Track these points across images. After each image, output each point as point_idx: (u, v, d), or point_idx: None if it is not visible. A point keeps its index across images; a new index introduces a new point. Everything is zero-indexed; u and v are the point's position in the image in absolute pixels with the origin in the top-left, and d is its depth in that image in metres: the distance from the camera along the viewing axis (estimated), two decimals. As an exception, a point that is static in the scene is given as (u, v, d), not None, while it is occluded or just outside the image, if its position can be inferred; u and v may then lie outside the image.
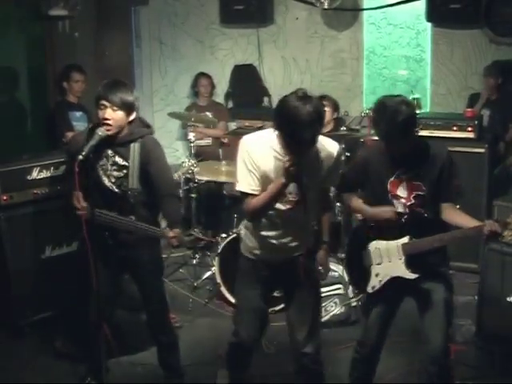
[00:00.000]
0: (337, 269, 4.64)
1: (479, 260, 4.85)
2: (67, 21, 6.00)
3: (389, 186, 3.12)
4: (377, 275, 3.20)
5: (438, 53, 6.45)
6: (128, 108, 3.30)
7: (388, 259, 3.17)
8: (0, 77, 5.64)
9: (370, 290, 3.24)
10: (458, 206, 3.18)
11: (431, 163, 3.07)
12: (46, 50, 5.98)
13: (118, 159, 3.35)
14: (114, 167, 3.36)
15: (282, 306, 4.59)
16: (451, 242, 3.12)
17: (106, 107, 3.25)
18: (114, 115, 3.25)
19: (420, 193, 3.08)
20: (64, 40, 6.03)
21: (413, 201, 3.09)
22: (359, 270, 3.28)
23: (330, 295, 4.54)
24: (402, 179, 3.10)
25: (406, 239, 3.12)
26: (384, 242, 3.18)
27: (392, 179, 3.11)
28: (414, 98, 6.31)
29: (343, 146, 5.11)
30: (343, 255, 4.92)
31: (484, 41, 6.23)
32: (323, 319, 4.46)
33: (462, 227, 3.07)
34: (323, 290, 4.54)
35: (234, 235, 4.64)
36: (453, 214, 3.11)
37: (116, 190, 3.37)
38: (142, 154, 3.34)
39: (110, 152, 3.35)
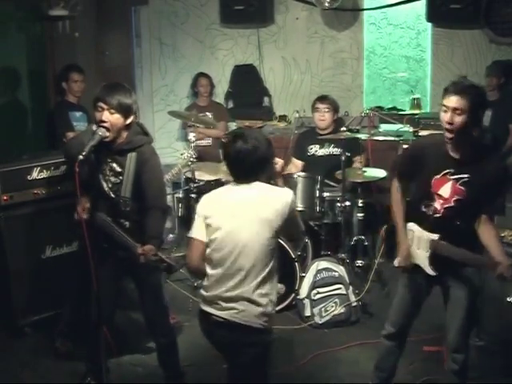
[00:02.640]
0: (337, 269, 4.64)
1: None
2: (67, 21, 5.99)
3: (433, 183, 3.09)
4: None
5: (438, 53, 6.46)
6: (125, 111, 3.28)
7: (417, 246, 3.20)
8: (0, 77, 5.63)
9: (396, 264, 3.27)
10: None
11: (479, 173, 3.00)
12: (46, 50, 5.97)
13: (114, 166, 3.36)
14: (112, 173, 3.37)
15: (281, 306, 4.62)
16: (471, 263, 3.10)
17: (103, 109, 3.25)
18: (110, 118, 3.24)
19: (461, 198, 3.03)
20: (64, 40, 6.02)
21: (452, 204, 3.06)
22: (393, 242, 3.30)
23: (331, 295, 4.54)
24: (448, 179, 3.06)
25: (435, 236, 3.12)
26: (419, 229, 3.19)
27: (438, 177, 3.08)
28: (414, 98, 6.35)
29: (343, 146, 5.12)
30: (343, 255, 4.95)
31: (484, 41, 6.24)
32: (323, 319, 4.48)
33: (486, 248, 3.05)
34: (323, 289, 4.56)
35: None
36: (485, 232, 3.06)
37: (112, 196, 3.39)
38: (137, 163, 3.33)
39: (108, 158, 3.37)
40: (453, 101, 2.91)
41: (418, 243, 3.20)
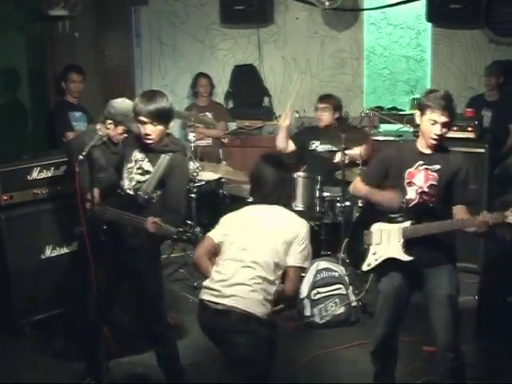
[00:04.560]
0: (337, 269, 4.64)
1: (479, 260, 4.85)
2: (67, 21, 5.99)
3: (406, 175, 3.25)
4: (374, 254, 3.32)
5: (438, 53, 6.46)
6: (167, 119, 3.33)
7: (387, 240, 3.28)
8: (0, 77, 5.64)
9: (365, 267, 3.36)
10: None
11: (448, 163, 3.22)
12: (46, 50, 5.98)
13: (145, 164, 3.39)
14: (139, 171, 3.39)
15: (281, 306, 4.62)
16: (449, 230, 3.19)
17: (145, 123, 3.27)
18: (154, 130, 3.29)
19: (434, 183, 3.20)
20: (64, 40, 6.03)
21: (426, 189, 3.21)
22: (359, 250, 3.39)
23: (330, 295, 4.53)
24: (421, 170, 3.23)
25: (407, 223, 3.23)
26: (387, 225, 3.29)
27: (411, 170, 3.25)
28: (414, 98, 6.34)
29: (343, 145, 5.11)
30: (343, 255, 4.94)
31: (484, 41, 6.24)
32: (323, 319, 4.48)
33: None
34: (323, 289, 4.56)
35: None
36: (461, 216, 3.18)
37: (131, 193, 3.39)
38: (168, 165, 3.36)
39: (140, 156, 3.40)
40: (444, 117, 3.13)
41: (388, 237, 3.27)
